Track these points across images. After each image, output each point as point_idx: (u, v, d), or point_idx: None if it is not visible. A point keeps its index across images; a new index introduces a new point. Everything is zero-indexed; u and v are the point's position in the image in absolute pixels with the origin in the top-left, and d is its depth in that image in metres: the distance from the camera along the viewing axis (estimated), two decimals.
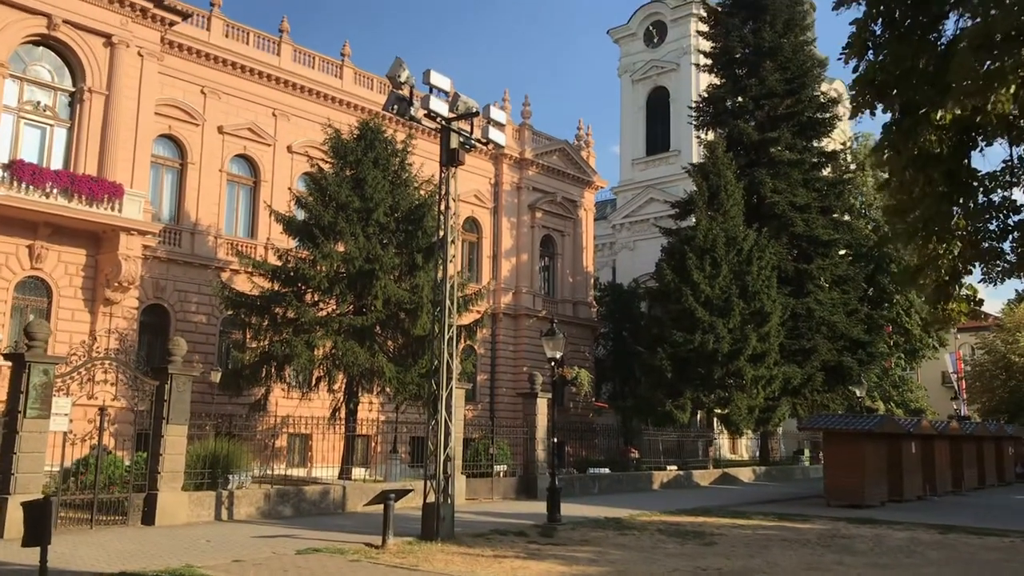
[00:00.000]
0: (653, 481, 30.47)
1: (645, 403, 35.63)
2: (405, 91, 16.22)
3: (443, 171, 17.24)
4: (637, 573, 12.84)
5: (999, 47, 6.13)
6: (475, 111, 17.00)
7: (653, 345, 34.96)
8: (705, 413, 37.38)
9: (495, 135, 17.78)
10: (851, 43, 7.68)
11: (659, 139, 57.37)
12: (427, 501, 15.98)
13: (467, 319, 27.17)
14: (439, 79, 16.38)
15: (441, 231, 17.38)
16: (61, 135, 25.94)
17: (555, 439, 21.85)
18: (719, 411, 35.86)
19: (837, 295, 39.99)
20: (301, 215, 26.94)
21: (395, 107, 16.33)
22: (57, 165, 25.27)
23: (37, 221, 24.22)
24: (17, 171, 23.42)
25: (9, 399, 15.16)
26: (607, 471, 29.64)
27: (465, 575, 12.42)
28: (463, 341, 25.72)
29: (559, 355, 20.86)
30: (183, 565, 12.11)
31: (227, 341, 30.16)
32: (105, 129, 26.05)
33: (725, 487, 32.44)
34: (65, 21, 25.38)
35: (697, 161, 42.26)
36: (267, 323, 25.41)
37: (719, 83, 43.52)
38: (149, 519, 16.56)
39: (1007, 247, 8.20)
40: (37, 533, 10.04)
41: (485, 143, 18.08)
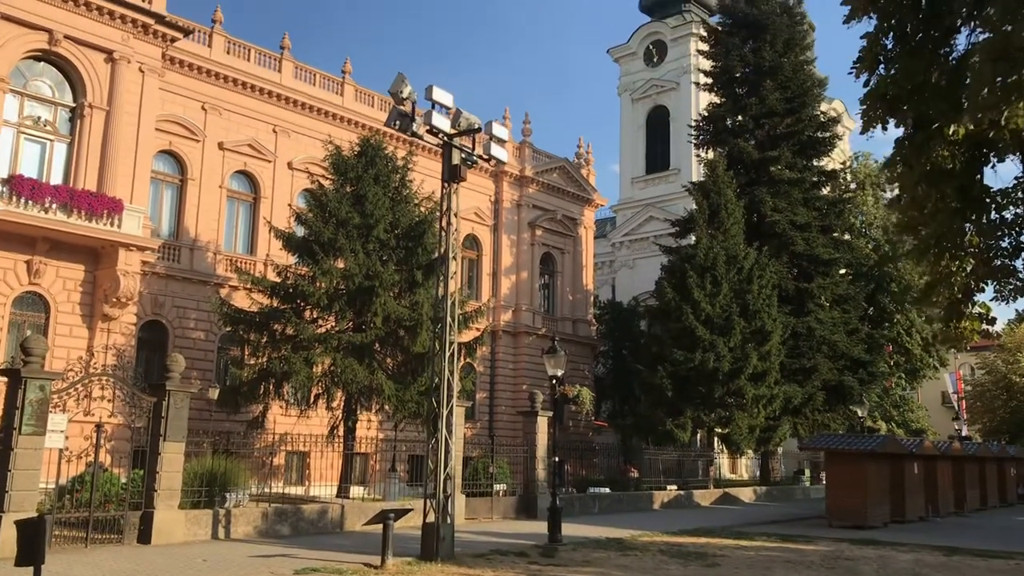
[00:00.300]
0: (654, 501, 30.23)
1: (645, 422, 35.41)
2: (407, 107, 16.16)
3: (445, 187, 17.14)
4: None
5: (1016, 60, 6.05)
6: (477, 127, 16.94)
7: (653, 363, 34.78)
8: (705, 432, 37.17)
9: (497, 151, 17.72)
10: (862, 57, 7.58)
11: (659, 158, 57.54)
12: (427, 521, 15.79)
13: (467, 337, 27.05)
14: (441, 95, 16.31)
15: (443, 247, 17.27)
16: (61, 150, 25.89)
17: (556, 458, 21.65)
18: (720, 430, 35.65)
19: (838, 314, 39.86)
20: (301, 231, 26.86)
21: (397, 123, 16.27)
22: (57, 180, 25.20)
23: (36, 236, 24.14)
24: (16, 186, 23.34)
25: (4, 415, 14.95)
26: (607, 490, 29.42)
27: None
28: (463, 359, 25.57)
29: (560, 373, 20.70)
30: None
31: (225, 358, 29.98)
32: (105, 144, 26.01)
33: (726, 507, 32.19)
34: (66, 37, 25.39)
35: (697, 180, 42.27)
36: (266, 340, 25.25)
37: (719, 102, 43.60)
38: (145, 538, 16.33)
39: (1020, 264, 8.09)
40: (30, 552, 9.84)
41: (487, 159, 18.02)
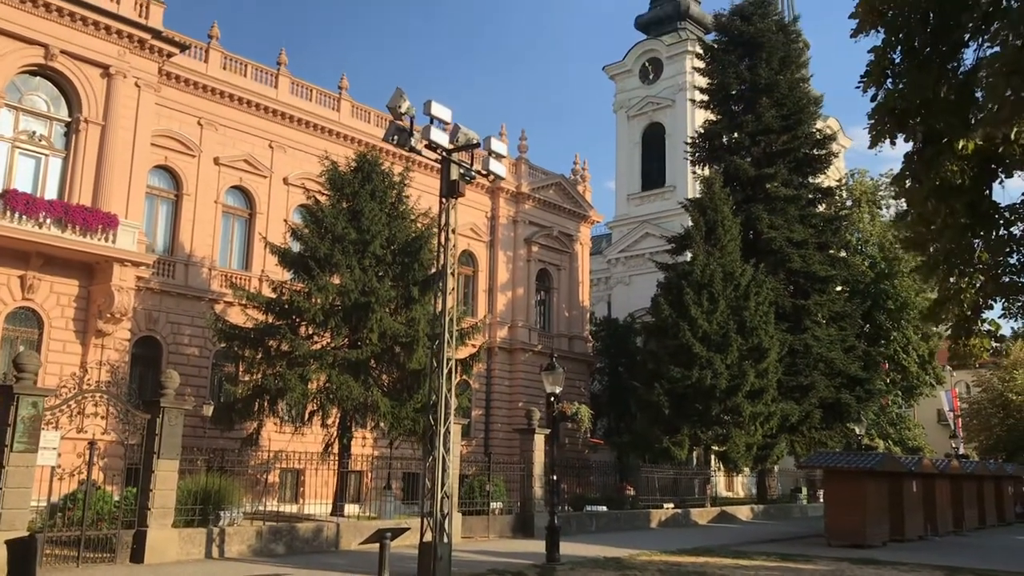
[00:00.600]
0: (651, 519, 30.01)
1: (642, 439, 35.20)
2: (405, 122, 16.03)
3: (443, 202, 17.02)
4: None
5: None
6: (476, 142, 16.82)
7: (650, 380, 34.60)
8: (702, 450, 36.96)
9: (495, 167, 17.60)
10: (869, 71, 7.49)
11: (654, 174, 57.55)
12: (424, 540, 15.56)
13: (463, 353, 26.83)
14: (440, 110, 16.19)
15: (441, 263, 17.13)
16: (56, 165, 25.78)
17: (554, 476, 21.43)
18: (717, 448, 35.44)
19: (835, 331, 39.78)
20: (297, 247, 26.71)
21: (395, 137, 16.14)
22: (52, 195, 25.06)
23: (29, 251, 23.97)
24: (10, 201, 23.20)
25: None
26: (604, 508, 29.16)
27: None
28: (459, 375, 25.37)
29: (559, 390, 20.54)
30: None
31: (220, 374, 29.73)
32: (100, 159, 25.91)
33: (724, 525, 31.97)
34: (63, 51, 25.33)
35: (693, 196, 42.24)
36: (260, 356, 25.02)
37: (715, 119, 43.68)
38: (138, 557, 16.09)
39: None
40: (21, 572, 9.67)
41: (485, 175, 17.89)
